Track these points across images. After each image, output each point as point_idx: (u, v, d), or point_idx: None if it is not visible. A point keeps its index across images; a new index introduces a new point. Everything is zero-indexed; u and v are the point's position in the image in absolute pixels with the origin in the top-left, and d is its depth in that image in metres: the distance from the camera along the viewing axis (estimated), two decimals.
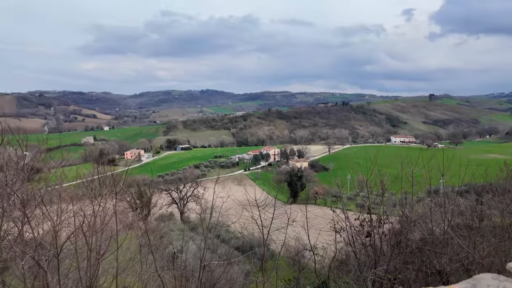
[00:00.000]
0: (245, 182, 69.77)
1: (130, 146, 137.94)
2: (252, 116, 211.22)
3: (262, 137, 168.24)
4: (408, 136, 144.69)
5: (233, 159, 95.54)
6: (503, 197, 8.08)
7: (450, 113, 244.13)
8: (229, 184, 67.77)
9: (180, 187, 38.55)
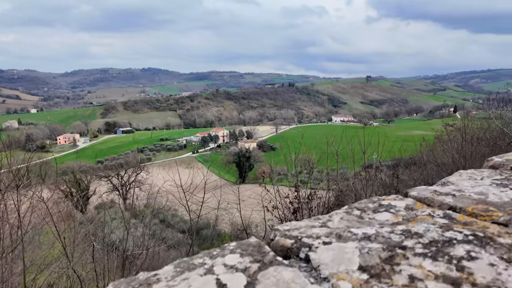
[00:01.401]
0: (194, 165, 68.40)
1: (63, 130, 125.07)
2: (200, 97, 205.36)
3: (211, 119, 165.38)
4: (348, 116, 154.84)
5: (180, 141, 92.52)
6: (422, 168, 8.96)
7: (384, 94, 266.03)
8: (176, 168, 65.69)
9: (122, 173, 36.16)
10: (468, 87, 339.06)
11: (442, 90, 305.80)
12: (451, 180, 1.33)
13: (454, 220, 0.96)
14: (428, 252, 0.81)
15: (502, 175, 1.34)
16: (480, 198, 1.09)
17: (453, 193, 1.14)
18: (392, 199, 1.13)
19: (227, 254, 0.83)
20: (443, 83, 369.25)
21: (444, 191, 1.17)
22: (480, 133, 10.04)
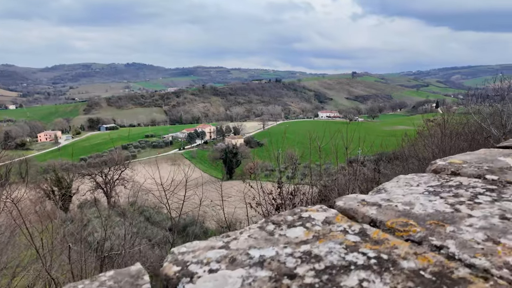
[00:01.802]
0: (180, 162, 67.73)
1: (44, 127, 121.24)
2: (186, 93, 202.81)
3: (197, 115, 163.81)
4: (333, 111, 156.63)
5: (166, 138, 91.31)
6: (403, 162, 9.17)
7: (369, 90, 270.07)
8: (162, 165, 64.93)
9: (105, 171, 35.42)
10: (449, 83, 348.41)
11: (425, 86, 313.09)
12: (386, 187, 1.23)
13: (367, 238, 0.87)
14: (317, 282, 0.69)
15: (439, 180, 1.25)
16: (405, 210, 1.01)
17: (380, 203, 1.06)
18: (315, 210, 1.04)
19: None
20: (426, 79, 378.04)
21: (372, 200, 1.08)
22: (459, 128, 10.32)
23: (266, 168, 53.73)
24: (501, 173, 1.25)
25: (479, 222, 0.89)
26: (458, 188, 1.14)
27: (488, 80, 14.31)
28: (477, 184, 1.16)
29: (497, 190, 1.09)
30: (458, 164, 1.39)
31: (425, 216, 0.95)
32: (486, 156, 1.49)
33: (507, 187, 1.12)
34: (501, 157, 1.47)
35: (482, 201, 1.02)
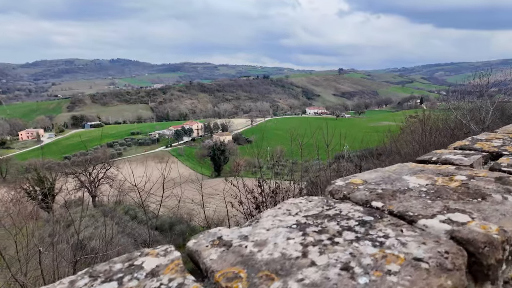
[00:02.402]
0: (168, 159, 66.90)
1: (25, 125, 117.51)
2: (172, 89, 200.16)
3: (185, 112, 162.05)
4: (321, 108, 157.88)
5: (152, 135, 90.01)
6: (385, 158, 9.36)
7: (355, 86, 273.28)
8: (149, 162, 63.94)
9: (89, 169, 34.67)
10: (433, 80, 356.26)
11: (409, 82, 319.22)
12: (262, 215, 1.02)
13: None
14: None
15: (323, 207, 1.04)
16: (250, 253, 0.81)
17: (233, 242, 0.86)
18: (154, 255, 0.83)
19: None
20: (411, 76, 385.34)
21: (229, 237, 0.89)
22: (440, 124, 10.55)
23: (254, 165, 53.86)
24: (390, 198, 1.08)
25: (314, 274, 0.71)
26: (332, 219, 0.95)
27: (468, 77, 14.65)
28: (356, 214, 0.98)
29: (369, 223, 0.92)
30: (356, 184, 1.21)
31: (265, 263, 0.76)
32: (391, 174, 1.31)
33: (383, 219, 0.94)
34: (408, 175, 1.30)
35: (342, 240, 0.85)
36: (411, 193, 1.12)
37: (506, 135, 2.04)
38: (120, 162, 57.99)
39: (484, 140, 1.89)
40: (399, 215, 0.97)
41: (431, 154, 1.62)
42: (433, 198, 1.06)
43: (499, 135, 2.03)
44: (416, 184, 1.19)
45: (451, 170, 1.33)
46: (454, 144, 1.83)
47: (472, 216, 0.92)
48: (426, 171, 1.35)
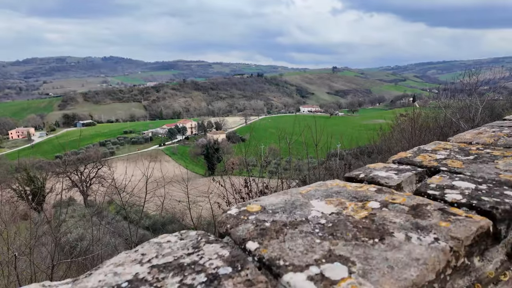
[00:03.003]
0: (161, 158, 66.55)
1: (16, 123, 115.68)
2: (166, 87, 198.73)
3: (178, 110, 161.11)
4: (315, 106, 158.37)
5: (145, 134, 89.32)
6: (375, 156, 9.38)
7: (349, 84, 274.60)
8: (141, 161, 63.48)
9: (81, 169, 34.27)
10: (425, 78, 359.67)
11: (402, 81, 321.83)
12: (98, 268, 0.84)
13: None
14: None
15: (189, 249, 0.86)
16: None
17: None
18: None
19: None
20: (404, 74, 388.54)
21: None
22: (430, 122, 10.62)
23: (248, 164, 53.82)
24: (273, 236, 0.85)
25: None
26: (181, 271, 0.75)
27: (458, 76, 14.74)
28: (215, 263, 0.77)
29: (218, 279, 0.72)
30: (249, 213, 0.99)
31: None
32: (299, 198, 1.08)
33: (242, 271, 0.75)
34: (318, 199, 1.07)
35: None
36: (304, 226, 0.89)
37: (457, 144, 1.81)
38: (112, 161, 57.50)
39: (430, 151, 1.65)
40: (267, 264, 0.75)
41: (362, 170, 1.37)
42: (324, 236, 0.84)
43: (449, 145, 1.79)
44: (319, 213, 0.97)
45: (370, 193, 1.11)
46: (395, 156, 1.58)
47: (352, 269, 0.71)
48: (342, 193, 1.12)
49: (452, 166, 1.37)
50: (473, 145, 1.77)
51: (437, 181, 1.20)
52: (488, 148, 1.66)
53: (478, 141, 1.83)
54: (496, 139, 1.82)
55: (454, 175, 1.26)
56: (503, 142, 1.77)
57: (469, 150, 1.62)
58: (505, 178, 1.20)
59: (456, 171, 1.31)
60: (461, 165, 1.39)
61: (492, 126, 2.17)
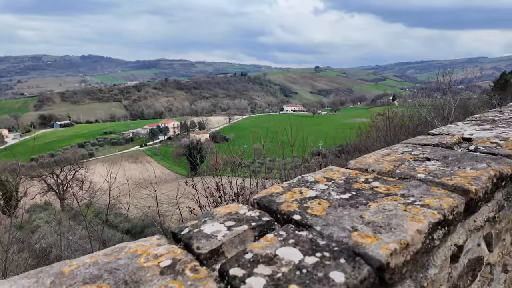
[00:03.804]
0: (142, 159, 65.21)
1: None
2: (147, 87, 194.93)
3: (160, 110, 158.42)
4: (298, 105, 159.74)
5: (126, 134, 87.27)
6: (352, 155, 9.51)
7: (331, 84, 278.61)
8: (122, 163, 61.95)
9: (57, 171, 33.03)
10: (405, 77, 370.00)
11: (382, 80, 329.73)
12: None
13: None
14: None
15: None
16: None
17: None
18: None
19: None
20: (384, 73, 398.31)
21: None
22: (406, 121, 10.81)
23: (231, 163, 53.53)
24: None
25: None
26: None
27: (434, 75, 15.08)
28: None
29: None
30: None
31: None
32: None
33: None
34: None
35: None
36: None
37: (350, 172, 1.36)
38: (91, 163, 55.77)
39: (311, 182, 1.25)
40: None
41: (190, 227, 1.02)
42: None
43: (338, 173, 1.33)
44: None
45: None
46: (261, 192, 1.20)
47: None
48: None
49: (311, 214, 1.00)
50: (368, 173, 1.35)
51: (261, 247, 0.84)
52: (380, 179, 1.26)
53: (377, 167, 1.40)
54: (397, 165, 1.40)
55: (296, 233, 0.90)
56: (403, 169, 1.35)
57: (354, 183, 1.22)
58: (354, 241, 0.84)
59: (307, 223, 0.95)
60: (323, 211, 1.01)
61: (408, 144, 1.79)
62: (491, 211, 1.28)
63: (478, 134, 1.90)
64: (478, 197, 1.15)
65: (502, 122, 2.26)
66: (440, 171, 1.30)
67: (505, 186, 1.35)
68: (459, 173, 1.27)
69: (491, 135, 1.86)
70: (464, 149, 1.66)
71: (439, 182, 1.20)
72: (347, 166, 1.46)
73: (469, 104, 16.10)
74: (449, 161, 1.43)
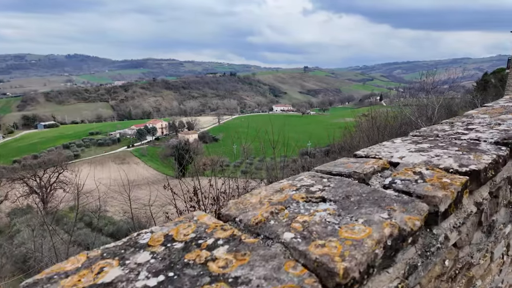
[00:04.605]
0: (129, 160, 64.17)
1: None
2: (135, 86, 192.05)
3: (148, 110, 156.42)
4: (287, 105, 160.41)
5: (113, 135, 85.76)
6: (335, 155, 9.55)
7: (320, 84, 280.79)
8: (109, 164, 60.81)
9: (40, 173, 32.12)
10: (391, 77, 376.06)
11: (370, 80, 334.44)
12: None
13: None
14: None
15: None
16: None
17: None
18: None
19: None
20: (371, 74, 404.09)
21: None
22: (390, 120, 10.87)
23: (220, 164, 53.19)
24: None
25: None
26: None
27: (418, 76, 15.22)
28: None
29: None
30: None
31: None
32: None
33: None
34: None
35: None
36: None
37: (207, 224, 0.97)
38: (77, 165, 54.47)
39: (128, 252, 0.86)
40: None
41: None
42: None
43: (188, 229, 0.95)
44: None
45: None
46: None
47: None
48: None
49: None
50: (233, 224, 1.00)
51: None
52: (237, 238, 0.89)
53: (251, 213, 1.01)
54: (277, 211, 1.01)
55: None
56: (280, 219, 0.97)
57: (193, 249, 0.85)
58: None
59: None
60: None
61: (317, 173, 1.36)
62: (393, 280, 0.90)
63: (408, 158, 1.47)
64: (350, 280, 0.75)
65: (445, 139, 1.80)
66: (321, 228, 0.91)
67: (414, 242, 0.96)
68: (342, 232, 0.88)
69: (421, 159, 1.44)
70: (380, 183, 1.24)
71: (302, 251, 0.81)
72: (221, 212, 1.06)
73: (453, 104, 16.36)
74: (347, 204, 1.04)
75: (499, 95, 17.03)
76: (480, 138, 1.76)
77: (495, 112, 2.47)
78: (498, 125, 2.02)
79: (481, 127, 1.99)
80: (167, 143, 70.18)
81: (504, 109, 2.61)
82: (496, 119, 2.20)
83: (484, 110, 2.61)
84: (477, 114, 2.43)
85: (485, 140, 1.71)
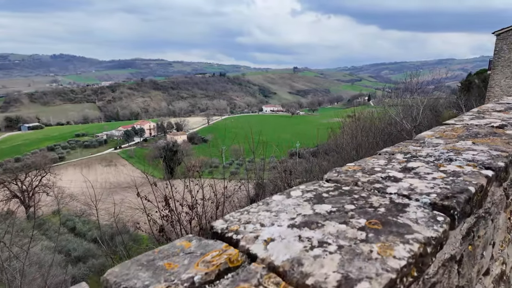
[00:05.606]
0: (116, 162, 63.01)
1: None
2: (122, 87, 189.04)
3: (136, 110, 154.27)
4: (277, 106, 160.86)
5: (100, 136, 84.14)
6: (321, 156, 9.51)
7: (309, 84, 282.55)
8: (95, 166, 59.58)
9: (21, 177, 31.12)
10: (379, 78, 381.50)
11: (358, 81, 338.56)
12: None
13: None
14: None
15: None
16: None
17: None
18: None
19: None
20: (360, 74, 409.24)
21: None
22: (376, 121, 10.84)
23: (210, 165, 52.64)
24: None
25: None
26: None
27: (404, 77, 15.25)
28: None
29: None
30: None
31: None
32: None
33: None
34: None
35: None
36: None
37: None
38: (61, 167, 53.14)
39: None
40: None
41: None
42: None
43: None
44: None
45: None
46: None
47: None
48: None
49: None
50: None
51: None
52: None
53: None
54: None
55: None
56: None
57: None
58: None
59: None
60: None
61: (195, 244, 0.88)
62: None
63: (277, 245, 0.82)
64: None
65: (362, 193, 1.12)
66: None
67: None
68: None
69: (292, 253, 0.78)
70: None
71: None
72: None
73: (437, 105, 16.51)
74: None
75: (482, 96, 17.29)
76: (413, 191, 1.09)
77: (453, 136, 1.87)
78: (448, 162, 1.39)
79: (424, 166, 1.35)
80: (155, 144, 69.22)
81: (466, 130, 2.03)
82: (450, 149, 1.60)
83: (442, 131, 2.00)
84: (430, 139, 1.82)
85: (417, 198, 1.04)
